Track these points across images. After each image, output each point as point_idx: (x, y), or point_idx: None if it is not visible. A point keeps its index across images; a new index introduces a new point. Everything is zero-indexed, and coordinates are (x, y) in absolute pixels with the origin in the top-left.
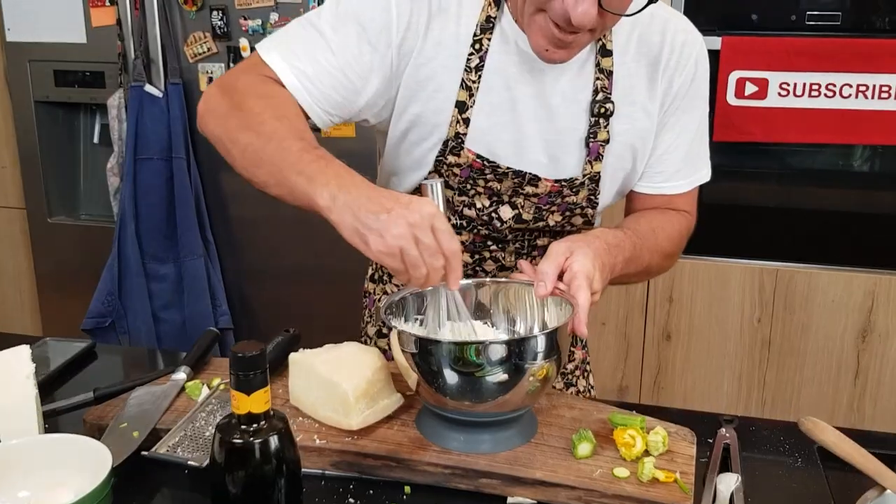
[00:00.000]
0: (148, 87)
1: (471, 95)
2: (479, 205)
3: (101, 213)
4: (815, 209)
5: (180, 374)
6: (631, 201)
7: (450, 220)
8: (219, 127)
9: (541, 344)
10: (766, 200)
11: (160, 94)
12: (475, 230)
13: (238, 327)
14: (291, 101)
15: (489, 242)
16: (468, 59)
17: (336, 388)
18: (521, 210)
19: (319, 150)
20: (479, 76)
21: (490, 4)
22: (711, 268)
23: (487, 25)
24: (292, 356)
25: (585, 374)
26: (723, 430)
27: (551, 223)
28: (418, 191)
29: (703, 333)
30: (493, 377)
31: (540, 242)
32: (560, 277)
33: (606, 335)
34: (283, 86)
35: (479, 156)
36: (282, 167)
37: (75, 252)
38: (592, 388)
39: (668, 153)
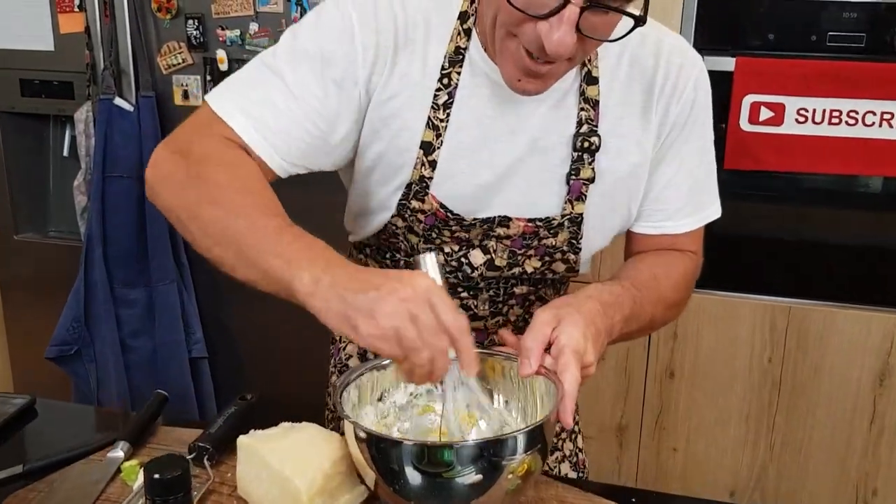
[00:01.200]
0: (118, 101)
1: (438, 136)
2: (447, 250)
3: (71, 230)
4: (834, 243)
5: (117, 452)
6: (630, 242)
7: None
8: (175, 199)
9: (521, 440)
10: (781, 232)
11: (131, 108)
12: (443, 276)
13: (213, 356)
14: (257, 170)
15: (459, 290)
16: (436, 96)
17: (287, 483)
18: (493, 255)
19: (295, 228)
20: (448, 114)
21: (459, 34)
22: (719, 303)
23: (457, 58)
24: (241, 440)
25: (573, 435)
26: None
27: (529, 270)
28: (409, 266)
29: (709, 372)
30: (464, 478)
31: (517, 290)
32: (548, 349)
33: (606, 371)
34: (244, 145)
35: (442, 205)
36: (253, 248)
37: (43, 271)
38: (581, 451)
39: (668, 189)
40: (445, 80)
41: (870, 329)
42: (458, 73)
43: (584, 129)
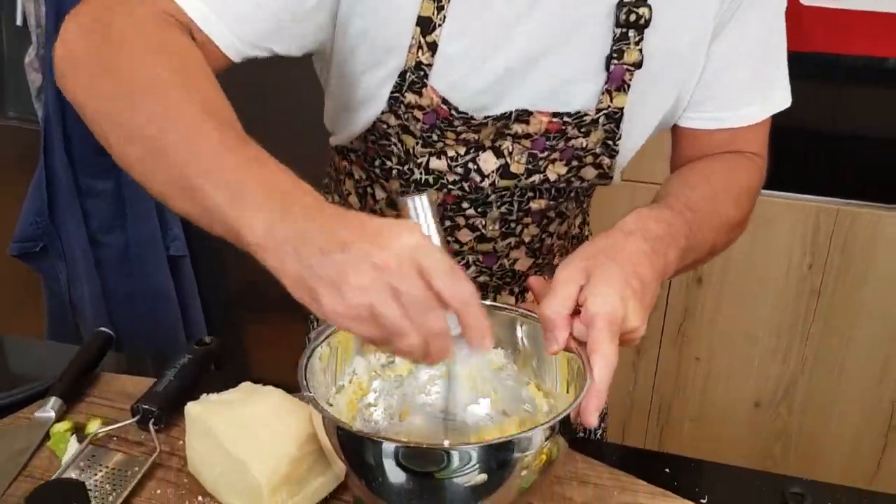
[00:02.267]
0: None
1: (440, 8)
2: (450, 153)
3: (30, 112)
4: (891, 138)
5: (46, 412)
6: (677, 144)
7: (449, 244)
8: (86, 92)
9: (538, 436)
10: (831, 123)
11: None
12: (445, 189)
13: (194, 253)
14: (200, 58)
15: (465, 205)
16: None
17: (244, 470)
18: (508, 159)
19: (250, 145)
20: None
21: None
22: (757, 203)
23: None
24: (189, 410)
25: None
26: None
27: (552, 177)
28: (395, 212)
29: (741, 279)
30: (462, 478)
31: (535, 205)
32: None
33: None
34: (185, 21)
35: (445, 101)
36: (190, 172)
37: (4, 158)
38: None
39: (727, 69)
40: None
41: None
42: None
43: None
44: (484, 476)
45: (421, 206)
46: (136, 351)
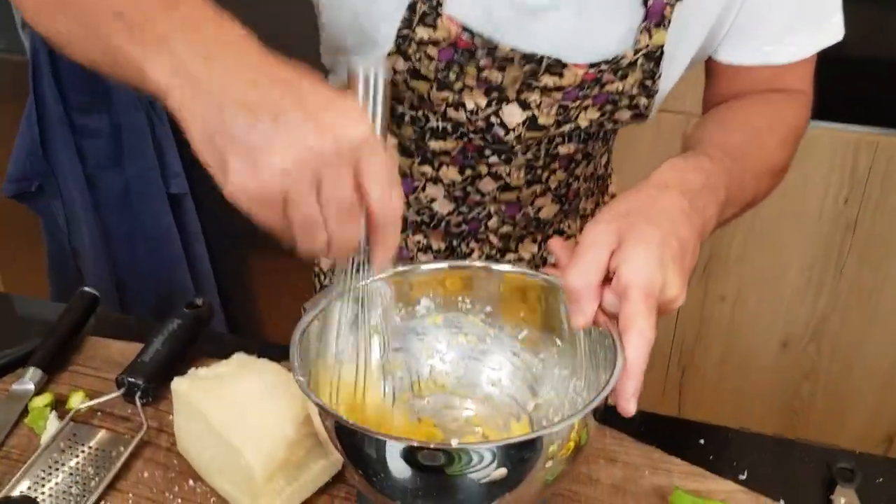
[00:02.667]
0: None
1: None
2: (470, 105)
3: (17, 43)
4: None
5: (25, 384)
6: (714, 82)
7: (469, 196)
8: None
9: (565, 431)
10: (874, 49)
11: None
12: (465, 137)
13: (196, 192)
14: None
15: (487, 153)
16: None
17: (236, 455)
18: (536, 111)
19: (203, 8)
20: None
21: None
22: None
23: None
24: (176, 387)
25: None
26: (839, 496)
27: (583, 124)
28: (410, 160)
29: (771, 212)
30: (478, 474)
31: (563, 150)
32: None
33: None
34: None
35: (466, 28)
36: (94, 7)
37: None
38: None
39: None
40: None
41: None
42: None
43: None
44: (503, 471)
45: (373, 81)
46: (138, 296)
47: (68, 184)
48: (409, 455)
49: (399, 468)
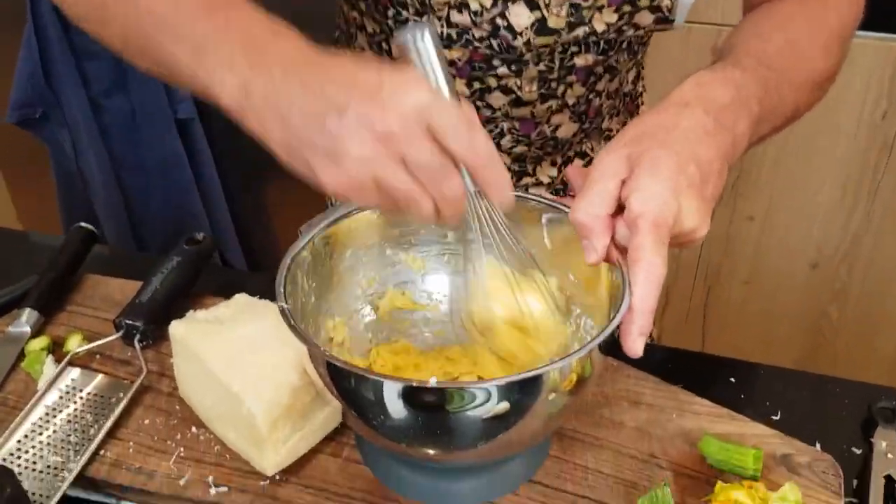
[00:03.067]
0: None
1: None
2: (474, 5)
3: None
4: None
5: (21, 327)
6: None
7: (479, 111)
8: None
9: (564, 368)
10: None
11: None
12: (471, 46)
13: (204, 117)
14: None
15: (496, 63)
16: None
17: (238, 404)
18: (544, 11)
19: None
20: None
21: None
22: None
23: None
24: (173, 329)
25: None
26: (880, 438)
27: (599, 28)
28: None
29: (802, 126)
30: (479, 410)
31: (579, 62)
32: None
33: None
34: None
35: None
36: (147, 26)
37: None
38: None
39: None
40: None
41: None
42: None
43: None
44: (505, 405)
45: (423, 46)
46: (151, 228)
47: (72, 110)
48: (407, 395)
49: (396, 407)
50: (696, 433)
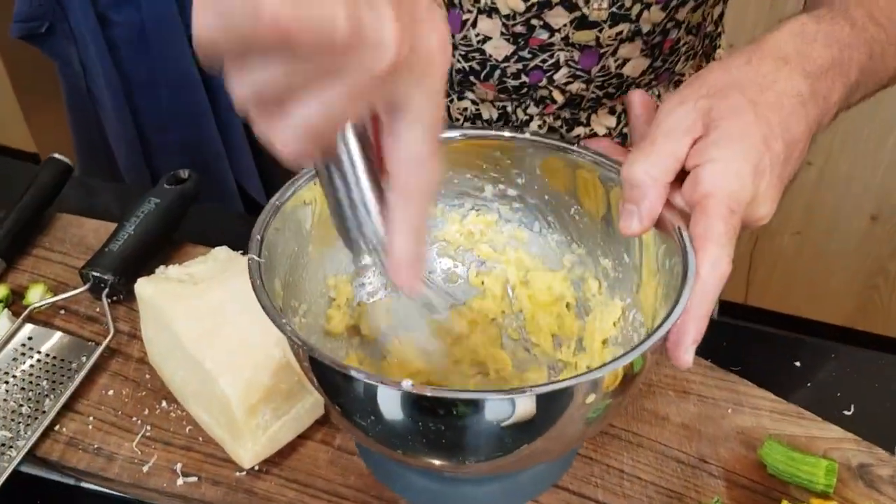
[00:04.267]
0: None
1: None
2: (503, 9)
3: None
4: None
5: None
6: None
7: (534, 29)
8: None
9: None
10: None
11: None
12: None
13: None
14: None
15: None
16: None
17: (211, 384)
18: (584, 7)
19: None
20: None
21: None
22: None
23: None
24: (140, 287)
25: None
26: None
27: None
28: None
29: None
30: (494, 417)
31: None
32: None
33: None
34: None
35: None
36: None
37: None
38: None
39: None
40: None
41: None
42: None
43: None
44: (530, 409)
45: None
46: (164, 153)
47: (79, 24)
48: (409, 404)
49: (392, 415)
50: (755, 434)
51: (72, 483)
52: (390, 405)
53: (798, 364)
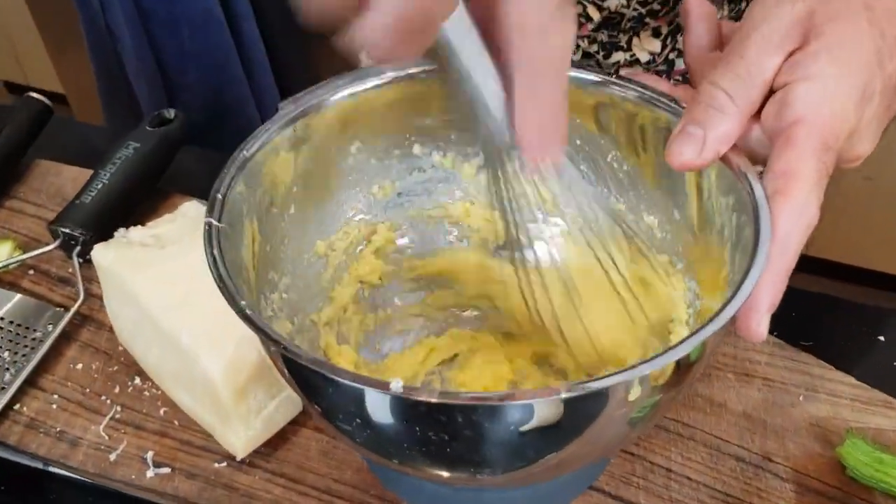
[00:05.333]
0: None
1: None
2: None
3: None
4: None
5: None
6: None
7: None
8: None
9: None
10: None
11: None
12: None
13: None
14: None
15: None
16: None
17: (191, 363)
18: None
19: None
20: None
21: None
22: None
23: None
24: (97, 254)
25: None
26: None
27: None
28: None
29: None
30: (511, 423)
31: None
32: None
33: None
34: None
35: None
36: None
37: None
38: None
39: None
40: None
41: None
42: None
43: None
44: (556, 412)
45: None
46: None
47: None
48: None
49: (386, 423)
50: (832, 426)
51: (40, 467)
52: (379, 410)
53: (882, 338)
